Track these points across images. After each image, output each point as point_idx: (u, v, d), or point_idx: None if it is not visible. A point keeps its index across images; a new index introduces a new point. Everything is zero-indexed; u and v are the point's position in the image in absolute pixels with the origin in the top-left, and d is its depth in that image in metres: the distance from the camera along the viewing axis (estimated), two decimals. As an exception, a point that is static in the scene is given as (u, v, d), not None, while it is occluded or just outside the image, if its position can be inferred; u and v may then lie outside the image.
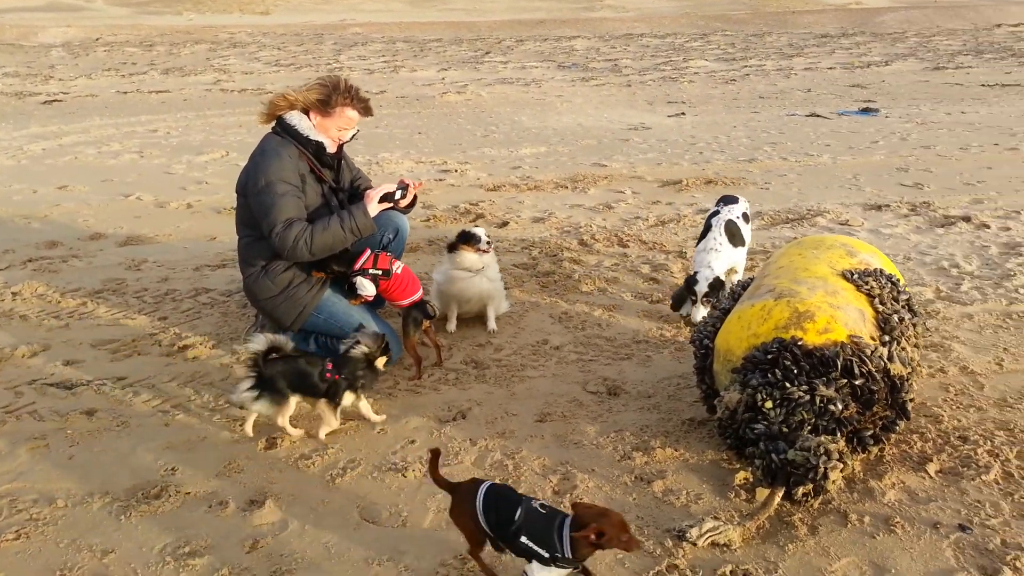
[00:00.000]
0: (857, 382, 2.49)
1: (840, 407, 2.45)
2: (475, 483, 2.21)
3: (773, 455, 2.42)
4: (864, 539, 2.39)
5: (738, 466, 2.73)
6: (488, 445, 2.98)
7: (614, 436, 3.01)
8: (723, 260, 3.99)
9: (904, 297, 2.84)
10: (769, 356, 2.54)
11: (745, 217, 4.28)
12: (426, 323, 3.59)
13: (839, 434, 2.46)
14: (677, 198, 6.62)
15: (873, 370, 2.50)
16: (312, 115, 3.57)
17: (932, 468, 2.71)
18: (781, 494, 2.44)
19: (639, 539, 2.26)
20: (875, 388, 2.50)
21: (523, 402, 3.31)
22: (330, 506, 2.64)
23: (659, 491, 2.66)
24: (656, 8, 46.42)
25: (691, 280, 3.92)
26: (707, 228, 4.19)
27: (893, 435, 2.66)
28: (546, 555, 2.02)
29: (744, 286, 3.10)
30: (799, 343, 2.53)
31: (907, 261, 4.84)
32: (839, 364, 2.48)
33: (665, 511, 2.56)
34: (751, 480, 2.62)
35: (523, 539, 2.04)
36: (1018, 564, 2.26)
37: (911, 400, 2.61)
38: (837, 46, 25.17)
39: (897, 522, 2.45)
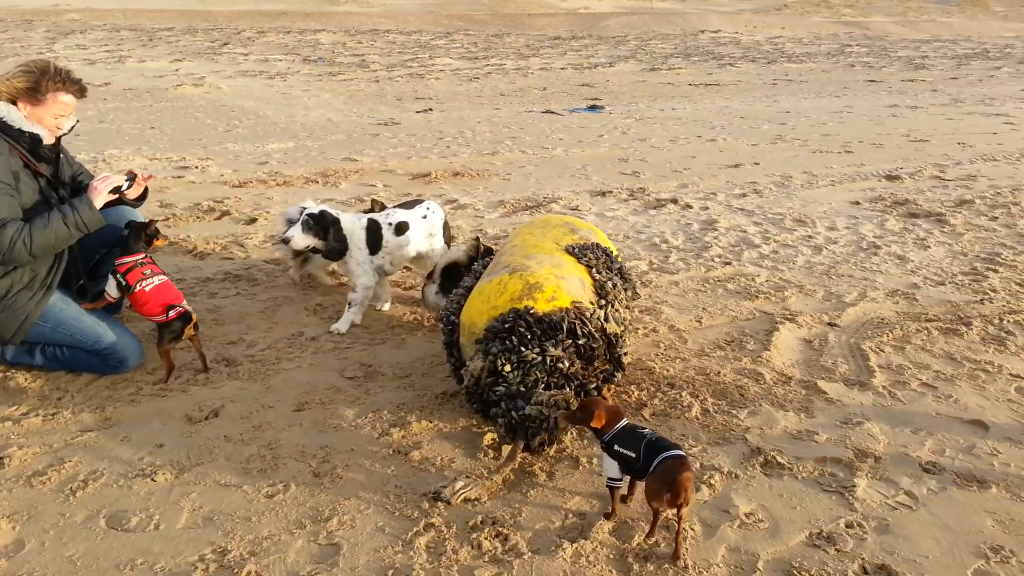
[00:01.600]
0: (580, 342, 2.83)
1: (567, 364, 2.77)
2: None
3: (513, 412, 2.68)
4: (593, 478, 2.73)
5: (486, 429, 2.97)
6: (244, 439, 2.96)
7: (372, 416, 3.13)
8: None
9: (616, 266, 3.25)
10: (506, 325, 2.80)
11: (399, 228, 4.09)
12: (189, 330, 3.43)
13: (568, 388, 2.78)
14: (427, 190, 6.87)
15: (593, 330, 2.86)
16: (21, 105, 3.27)
17: (647, 412, 3.15)
18: (522, 447, 2.71)
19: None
20: (595, 346, 2.86)
21: (279, 394, 3.32)
22: (72, 520, 2.49)
23: (416, 460, 2.83)
24: (401, 5, 46.73)
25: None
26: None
27: (613, 386, 3.05)
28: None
29: (485, 265, 3.36)
30: (531, 311, 2.82)
31: (626, 239, 5.46)
32: (565, 327, 2.81)
33: (422, 477, 2.74)
34: (497, 439, 2.88)
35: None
36: (712, 481, 2.71)
37: (625, 354, 3.02)
38: (568, 48, 27.08)
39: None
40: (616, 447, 2.44)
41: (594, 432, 2.51)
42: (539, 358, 2.74)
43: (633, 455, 2.40)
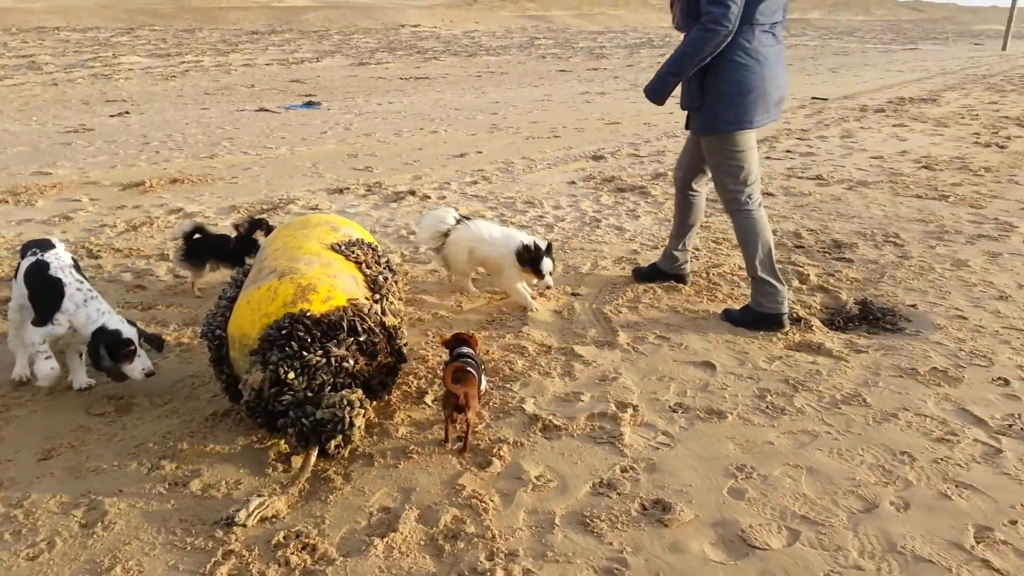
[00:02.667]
0: (362, 338, 2.83)
1: (352, 363, 2.76)
2: None
3: (303, 419, 2.62)
4: (390, 471, 2.76)
5: (270, 443, 2.86)
6: (-17, 502, 2.56)
7: (136, 451, 2.86)
8: None
9: (384, 260, 3.29)
10: (283, 331, 2.71)
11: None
12: None
13: (355, 386, 2.77)
14: (143, 200, 6.29)
15: (372, 325, 2.87)
16: None
17: (428, 399, 3.24)
18: (316, 453, 2.66)
19: None
20: (376, 340, 2.88)
21: (17, 444, 2.90)
22: None
23: (198, 490, 2.64)
24: (69, 1, 41.64)
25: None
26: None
27: (396, 379, 3.09)
28: None
29: (245, 273, 3.20)
30: (308, 314, 2.76)
31: (374, 234, 5.48)
32: (345, 325, 2.79)
33: (209, 506, 2.57)
34: (286, 451, 2.78)
35: None
36: (502, 453, 2.87)
37: (404, 345, 3.07)
38: (269, 43, 26.06)
39: (412, 450, 2.88)
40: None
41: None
42: (323, 360, 2.70)
43: None
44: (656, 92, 3.93)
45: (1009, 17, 36.29)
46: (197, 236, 4.23)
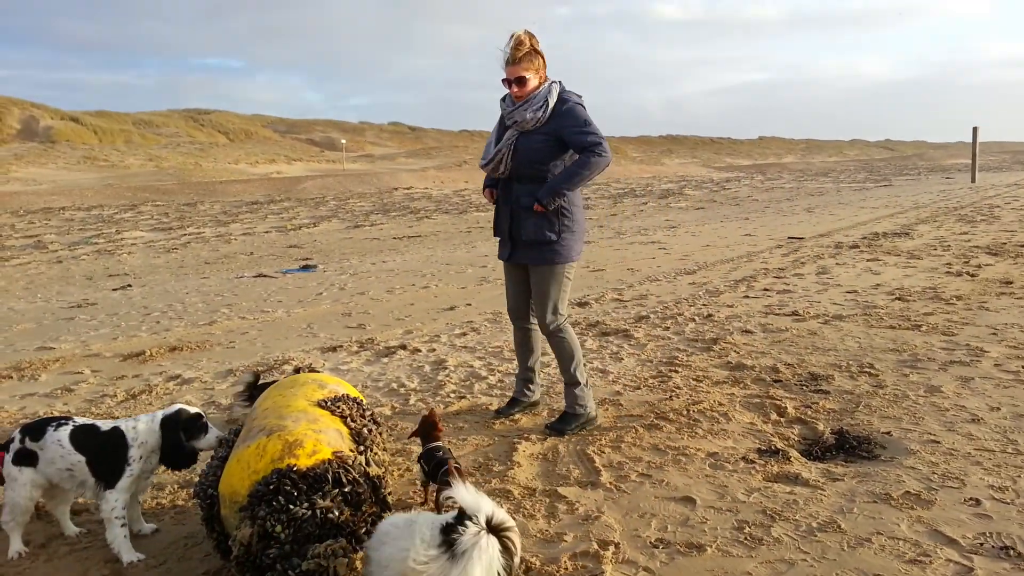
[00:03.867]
0: (346, 489, 2.95)
1: (337, 513, 2.87)
2: None
3: (290, 571, 2.70)
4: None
5: (260, 599, 2.92)
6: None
7: (127, 615, 2.91)
8: None
9: (368, 413, 3.46)
10: (271, 487, 2.85)
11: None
12: None
13: (340, 537, 2.87)
14: (144, 369, 6.51)
15: (357, 476, 3.01)
16: None
17: (416, 547, 3.31)
18: (304, 606, 2.72)
19: None
20: (361, 491, 3.00)
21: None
22: None
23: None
24: (74, 180, 43.83)
25: None
26: None
27: (382, 527, 3.19)
28: None
29: (235, 433, 3.37)
30: (294, 468, 2.90)
31: (365, 388, 5.66)
32: (330, 477, 2.92)
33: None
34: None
35: None
36: None
37: (390, 494, 3.19)
38: (268, 211, 27.26)
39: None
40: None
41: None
42: (309, 512, 2.81)
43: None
44: (551, 199, 4.54)
45: (973, 152, 38.18)
46: (260, 383, 4.58)
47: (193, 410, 3.48)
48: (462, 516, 2.41)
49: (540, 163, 4.58)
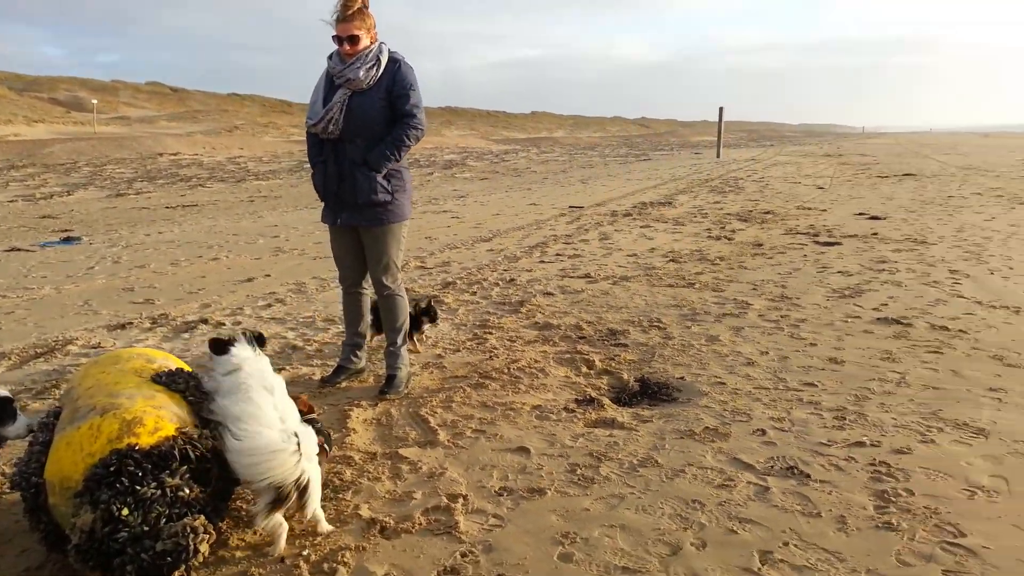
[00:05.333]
0: (194, 465, 2.84)
1: (188, 491, 2.76)
2: None
3: (143, 554, 2.56)
4: (235, 595, 2.76)
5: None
6: None
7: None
8: None
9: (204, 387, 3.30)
10: (111, 469, 2.66)
11: None
12: None
13: (192, 514, 2.76)
14: None
15: (205, 452, 2.90)
16: None
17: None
18: (160, 588, 2.60)
19: None
20: (210, 466, 2.90)
21: None
22: None
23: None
24: None
25: None
26: None
27: (230, 502, 3.10)
28: None
29: (55, 415, 3.07)
30: (136, 448, 2.73)
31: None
32: (177, 454, 2.79)
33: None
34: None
35: None
36: (346, 559, 2.96)
37: (237, 467, 3.09)
38: (10, 178, 24.07)
39: (254, 572, 2.89)
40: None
41: None
42: (158, 492, 2.68)
43: None
44: (379, 166, 4.60)
45: (718, 130, 42.58)
46: None
47: (2, 393, 3.12)
48: None
49: (375, 123, 4.54)
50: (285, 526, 2.99)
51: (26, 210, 16.62)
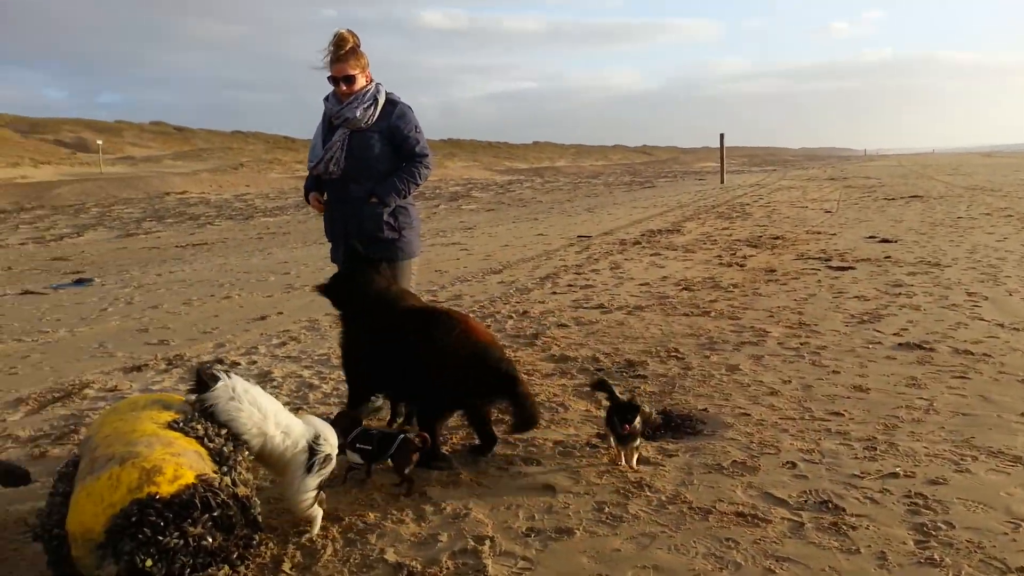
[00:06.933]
0: (216, 513, 2.77)
1: (211, 540, 2.69)
2: None
3: (168, 608, 2.49)
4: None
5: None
6: None
7: None
8: None
9: (224, 431, 3.24)
10: (133, 519, 2.60)
11: None
12: None
13: (215, 565, 2.69)
14: (-99, 405, 5.55)
15: (226, 498, 2.83)
16: None
17: (286, 566, 3.18)
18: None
19: None
20: (231, 513, 2.83)
21: None
22: None
23: None
24: None
25: None
26: None
27: (254, 550, 3.02)
28: None
29: (74, 464, 3.01)
30: (157, 497, 2.67)
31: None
32: (198, 502, 2.73)
33: None
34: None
35: None
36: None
37: (259, 514, 3.03)
38: (20, 221, 24.26)
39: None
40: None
41: None
42: (180, 542, 2.61)
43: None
44: (387, 198, 4.66)
45: (720, 156, 42.71)
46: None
47: None
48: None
49: (376, 160, 4.61)
50: (320, 511, 3.40)
51: (37, 252, 16.71)
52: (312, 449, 3.34)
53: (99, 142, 66.99)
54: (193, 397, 3.31)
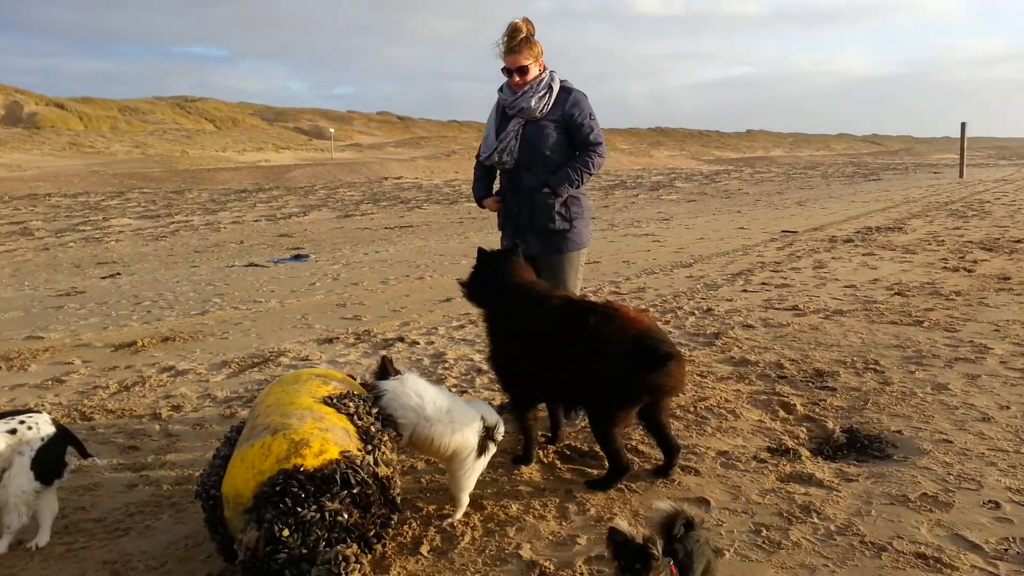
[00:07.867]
0: (355, 490, 2.85)
1: (346, 516, 2.77)
2: None
3: (299, 578, 2.60)
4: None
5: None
6: None
7: (126, 620, 2.80)
8: None
9: (374, 411, 3.34)
10: (277, 488, 2.73)
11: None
12: None
13: (349, 540, 2.77)
14: (136, 360, 6.36)
15: (366, 477, 2.90)
16: None
17: (424, 548, 3.22)
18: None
19: None
20: (370, 492, 2.90)
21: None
22: None
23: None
24: (59, 166, 43.30)
25: None
26: None
27: (391, 530, 3.08)
28: None
29: (238, 430, 3.24)
30: (301, 469, 2.79)
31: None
32: (338, 478, 2.81)
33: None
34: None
35: None
36: (499, 602, 2.83)
37: (398, 495, 3.08)
38: (257, 200, 26.97)
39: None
40: None
41: None
42: (317, 515, 2.71)
43: None
44: (559, 189, 4.56)
45: (961, 147, 38.37)
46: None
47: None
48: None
49: (550, 150, 4.55)
50: (467, 498, 3.50)
51: (267, 229, 18.54)
52: (487, 434, 3.50)
53: (331, 130, 73.28)
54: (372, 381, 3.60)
